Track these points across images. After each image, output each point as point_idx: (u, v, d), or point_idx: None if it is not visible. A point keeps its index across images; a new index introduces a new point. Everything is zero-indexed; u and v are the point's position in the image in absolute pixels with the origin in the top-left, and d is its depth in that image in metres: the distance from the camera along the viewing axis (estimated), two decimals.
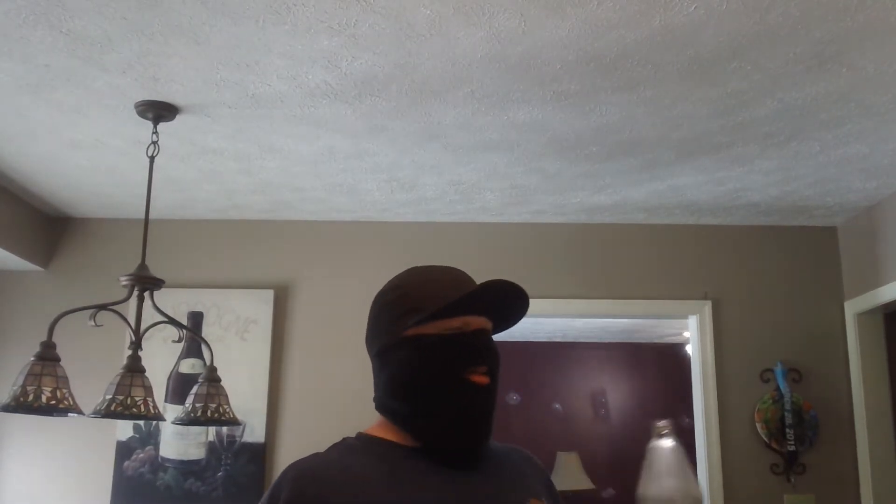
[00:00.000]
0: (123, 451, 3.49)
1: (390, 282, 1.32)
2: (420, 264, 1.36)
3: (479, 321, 1.26)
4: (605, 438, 6.99)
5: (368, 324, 1.32)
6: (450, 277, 1.28)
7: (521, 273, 3.59)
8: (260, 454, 3.46)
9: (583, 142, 2.75)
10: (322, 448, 1.27)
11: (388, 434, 1.26)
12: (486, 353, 1.24)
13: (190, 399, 2.53)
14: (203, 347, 3.45)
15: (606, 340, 7.14)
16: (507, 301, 1.27)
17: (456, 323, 1.23)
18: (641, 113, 2.51)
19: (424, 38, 2.06)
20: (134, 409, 2.25)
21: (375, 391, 1.30)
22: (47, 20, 1.99)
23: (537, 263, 3.68)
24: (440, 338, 1.22)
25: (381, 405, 1.28)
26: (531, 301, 1.31)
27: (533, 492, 1.29)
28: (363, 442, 1.27)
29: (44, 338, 2.25)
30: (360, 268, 3.68)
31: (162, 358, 3.50)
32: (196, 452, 3.47)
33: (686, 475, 3.28)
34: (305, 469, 1.19)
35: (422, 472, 1.20)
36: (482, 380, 1.22)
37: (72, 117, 2.59)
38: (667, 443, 3.42)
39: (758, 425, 3.48)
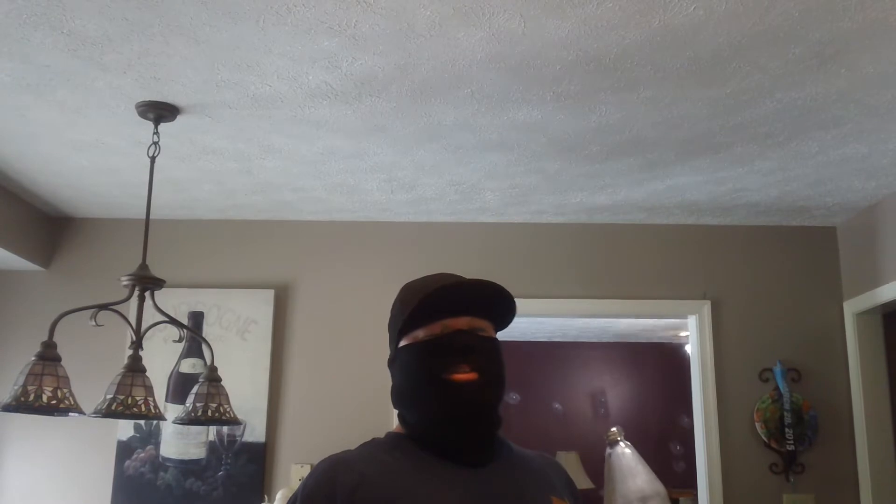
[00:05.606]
0: (124, 450, 3.49)
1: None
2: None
3: (462, 322, 1.29)
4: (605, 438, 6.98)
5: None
6: (430, 285, 1.31)
7: (522, 273, 3.60)
8: (260, 454, 3.47)
9: (583, 142, 2.75)
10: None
11: None
12: (465, 351, 1.27)
13: (190, 399, 2.54)
14: (203, 347, 3.45)
15: (606, 340, 7.14)
16: (469, 296, 1.30)
17: (437, 328, 1.28)
18: (641, 113, 2.51)
19: (424, 39, 2.06)
20: (135, 409, 2.26)
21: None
22: (48, 20, 1.99)
23: (537, 263, 3.67)
24: (420, 344, 1.29)
25: (397, 411, 1.38)
26: (531, 301, 1.35)
27: (555, 491, 1.32)
28: (391, 439, 1.33)
29: (45, 337, 2.26)
30: (360, 268, 3.68)
31: (162, 358, 3.50)
32: (196, 452, 3.48)
33: (650, 473, 3.32)
34: (338, 460, 1.24)
35: (444, 468, 1.25)
36: (466, 377, 1.26)
37: (72, 117, 2.59)
38: (623, 447, 3.47)
39: (757, 425, 3.48)
